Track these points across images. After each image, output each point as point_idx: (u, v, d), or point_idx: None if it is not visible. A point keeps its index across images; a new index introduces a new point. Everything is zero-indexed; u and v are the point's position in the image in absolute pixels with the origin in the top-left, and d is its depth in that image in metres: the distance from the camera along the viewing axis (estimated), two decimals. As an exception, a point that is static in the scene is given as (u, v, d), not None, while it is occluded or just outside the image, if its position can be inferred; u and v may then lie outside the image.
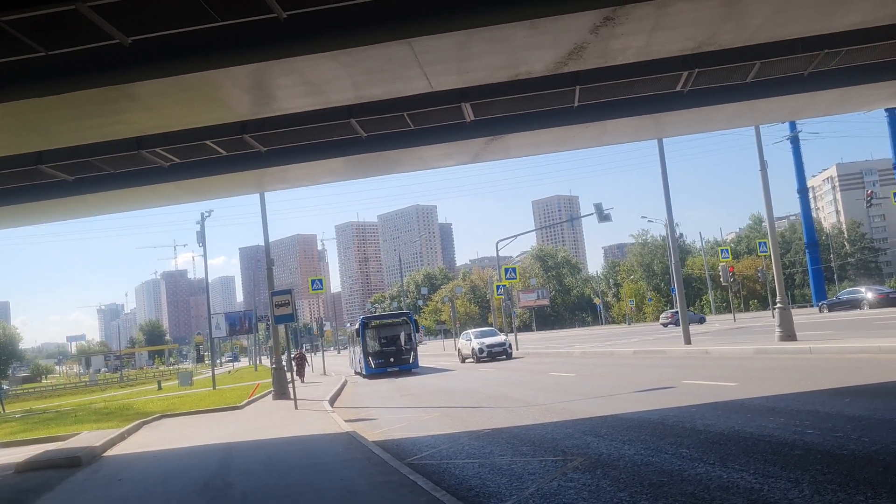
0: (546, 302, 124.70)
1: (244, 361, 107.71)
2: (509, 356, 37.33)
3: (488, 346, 37.44)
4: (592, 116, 15.04)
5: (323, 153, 15.60)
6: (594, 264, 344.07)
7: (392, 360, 35.91)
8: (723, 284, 57.65)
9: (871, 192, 60.52)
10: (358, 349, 38.58)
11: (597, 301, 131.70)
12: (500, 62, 11.01)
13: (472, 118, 14.50)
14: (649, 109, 15.04)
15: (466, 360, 39.07)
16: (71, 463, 12.89)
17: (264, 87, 11.09)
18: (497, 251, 52.93)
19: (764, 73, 13.77)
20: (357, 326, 38.67)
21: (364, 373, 36.45)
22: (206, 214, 42.21)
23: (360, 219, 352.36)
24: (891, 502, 5.78)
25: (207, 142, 14.27)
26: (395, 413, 17.64)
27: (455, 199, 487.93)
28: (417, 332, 39.06)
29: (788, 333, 23.88)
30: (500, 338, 39.52)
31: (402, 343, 36.52)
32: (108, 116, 11.47)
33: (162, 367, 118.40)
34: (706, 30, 10.47)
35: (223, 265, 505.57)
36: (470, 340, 39.36)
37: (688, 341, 28.95)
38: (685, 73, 13.33)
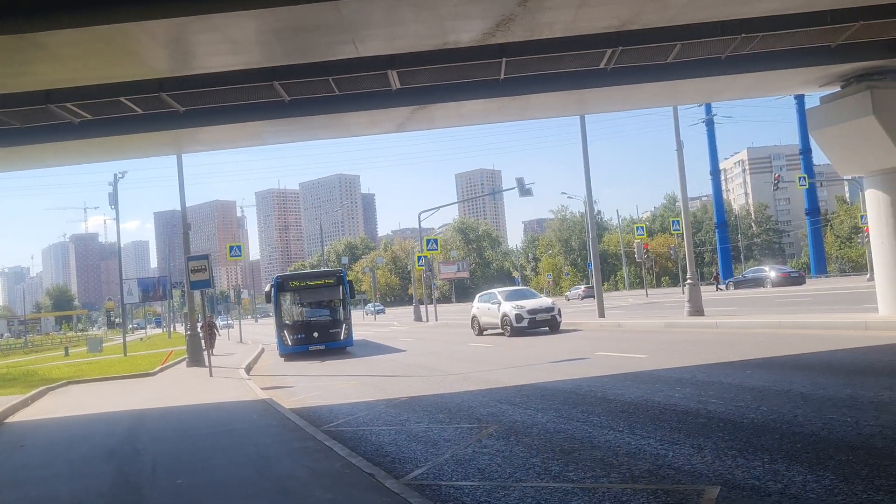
0: (466, 274, 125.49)
1: (157, 330, 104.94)
2: (556, 327, 26.22)
3: (529, 313, 25.59)
4: (518, 90, 15.14)
5: (244, 115, 15.19)
6: (514, 238, 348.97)
7: (316, 335, 26.08)
8: (637, 261, 59.43)
9: (779, 175, 63.21)
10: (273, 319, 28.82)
11: (515, 275, 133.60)
12: (428, 30, 10.94)
13: (399, 86, 14.38)
14: (573, 85, 15.23)
15: (486, 332, 28.43)
16: (-31, 429, 12.34)
17: (184, 44, 10.70)
18: (419, 222, 52.94)
19: (684, 54, 14.12)
20: (269, 288, 28.42)
21: (279, 351, 26.84)
22: (120, 176, 40.55)
23: (281, 186, 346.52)
24: (785, 467, 6.11)
25: (122, 98, 13.70)
26: (313, 381, 17.55)
27: (379, 170, 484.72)
28: (352, 297, 28.68)
29: (697, 309, 24.84)
30: (545, 300, 27.93)
31: (331, 313, 27.21)
32: (13, 66, 10.83)
33: (70, 334, 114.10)
34: (631, 8, 10.65)
35: (137, 229, 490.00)
36: (498, 304, 26.85)
37: (602, 314, 29.76)
38: (609, 51, 13.54)
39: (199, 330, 25.55)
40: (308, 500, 6.32)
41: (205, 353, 21.96)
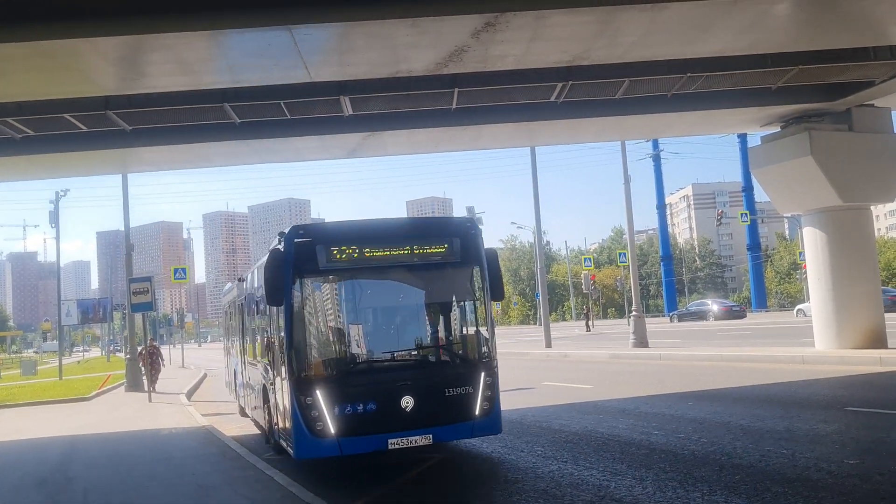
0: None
1: (95, 352, 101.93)
2: None
3: None
4: (469, 120, 15.29)
5: (193, 136, 14.99)
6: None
7: (408, 404, 8.01)
8: (584, 292, 60.03)
9: (722, 211, 64.82)
10: (257, 365, 11.19)
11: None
12: (381, 58, 10.98)
13: (351, 112, 14.38)
14: (524, 117, 15.45)
15: None
16: None
17: (133, 62, 10.51)
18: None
19: (632, 90, 14.46)
20: (268, 266, 8.32)
21: (294, 450, 8.15)
22: (62, 194, 39.53)
23: (229, 209, 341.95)
24: (723, 498, 6.19)
25: (66, 115, 13.39)
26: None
27: (330, 195, 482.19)
28: (498, 298, 9.00)
29: (641, 340, 25.17)
30: None
31: (445, 339, 9.02)
32: (-49, 79, 10.53)
33: (2, 356, 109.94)
34: (581, 44, 10.86)
35: (79, 250, 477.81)
36: None
37: (549, 345, 29.93)
38: (560, 85, 13.78)
39: (138, 358, 23.00)
40: (246, 531, 6.16)
41: (144, 376, 21.28)
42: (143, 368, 22.38)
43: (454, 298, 8.82)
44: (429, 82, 13.03)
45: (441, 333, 8.91)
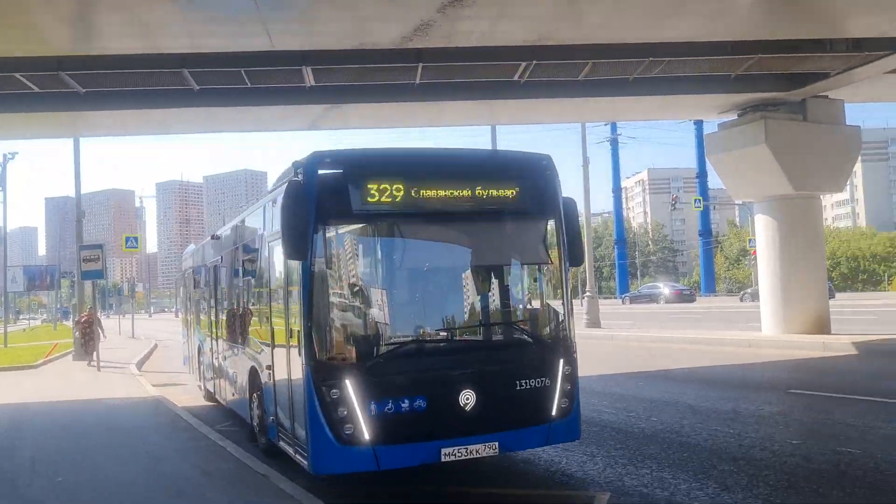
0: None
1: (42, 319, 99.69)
2: None
3: None
4: (432, 96, 15.20)
5: (150, 102, 14.61)
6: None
7: (468, 402, 5.98)
8: (540, 272, 60.42)
9: (676, 196, 66.01)
10: (240, 341, 9.07)
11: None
12: (346, 29, 10.86)
13: (313, 83, 14.17)
14: (486, 95, 15.41)
15: None
16: None
17: (88, 22, 10.23)
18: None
19: (595, 72, 14.51)
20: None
21: (310, 462, 5.96)
22: (10, 157, 38.42)
23: (184, 178, 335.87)
24: (671, 475, 6.36)
25: (17, 74, 12.92)
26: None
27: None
28: (576, 263, 7.03)
29: (594, 321, 25.57)
30: None
31: (502, 310, 6.92)
32: None
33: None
34: (547, 23, 10.90)
35: (26, 215, 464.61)
36: None
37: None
38: (524, 64, 13.75)
39: (75, 327, 22.81)
40: (200, 502, 6.13)
41: (93, 345, 20.86)
42: (79, 337, 21.89)
43: (527, 260, 6.89)
44: (393, 56, 12.88)
45: (511, 306, 6.83)
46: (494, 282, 6.78)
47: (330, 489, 6.35)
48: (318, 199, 5.84)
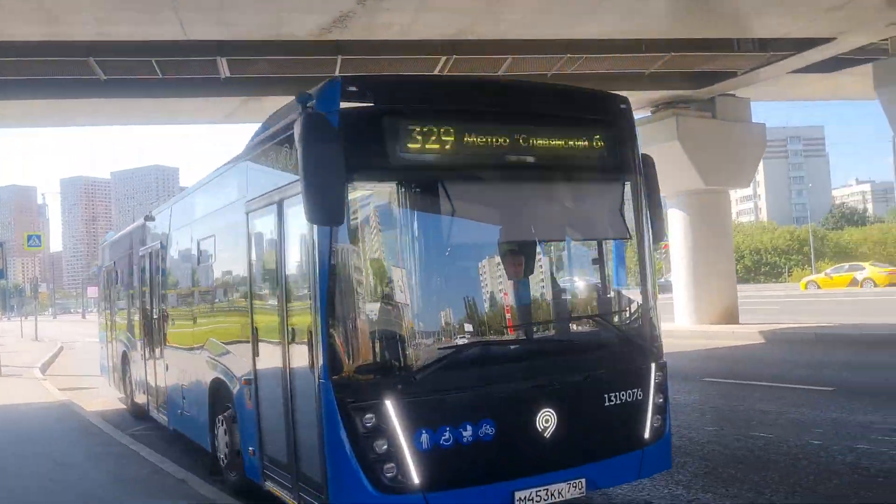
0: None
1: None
2: None
3: None
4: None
5: (53, 92, 13.92)
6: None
7: (549, 423, 4.46)
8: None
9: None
10: (197, 348, 7.18)
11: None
12: (263, 19, 10.61)
13: (228, 75, 13.79)
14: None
15: None
16: None
17: (-14, 6, 9.64)
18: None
19: (514, 68, 14.60)
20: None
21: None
22: None
23: (91, 174, 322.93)
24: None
25: None
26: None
27: (203, 164, 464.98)
28: (659, 241, 5.78)
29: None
30: None
31: (609, 315, 5.48)
32: None
33: None
34: (467, 18, 10.91)
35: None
36: None
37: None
38: (444, 59, 13.71)
39: None
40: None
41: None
42: None
43: (612, 234, 5.23)
44: (312, 48, 12.67)
45: (597, 295, 5.35)
46: (576, 263, 5.35)
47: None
48: (344, 144, 4.01)
